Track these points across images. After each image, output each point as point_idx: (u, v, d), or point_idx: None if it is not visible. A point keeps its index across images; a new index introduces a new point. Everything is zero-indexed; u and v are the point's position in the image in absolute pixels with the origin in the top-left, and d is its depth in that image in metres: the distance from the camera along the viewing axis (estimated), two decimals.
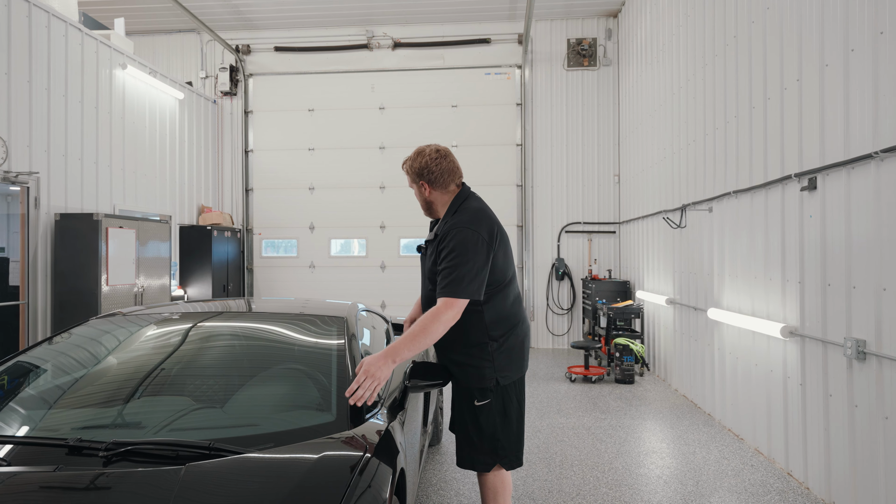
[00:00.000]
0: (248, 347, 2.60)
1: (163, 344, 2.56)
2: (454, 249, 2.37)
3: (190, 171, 9.01)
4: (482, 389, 2.54)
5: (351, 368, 2.37)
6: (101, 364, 2.41)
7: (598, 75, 9.37)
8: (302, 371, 2.42)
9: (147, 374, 2.31)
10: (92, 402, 2.17)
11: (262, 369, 2.44)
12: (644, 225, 7.76)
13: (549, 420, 5.30)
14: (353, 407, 2.15)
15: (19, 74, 5.71)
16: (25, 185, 5.79)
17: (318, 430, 2.00)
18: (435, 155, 2.59)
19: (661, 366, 7.05)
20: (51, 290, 6.08)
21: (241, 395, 2.25)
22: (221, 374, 2.37)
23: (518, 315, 2.63)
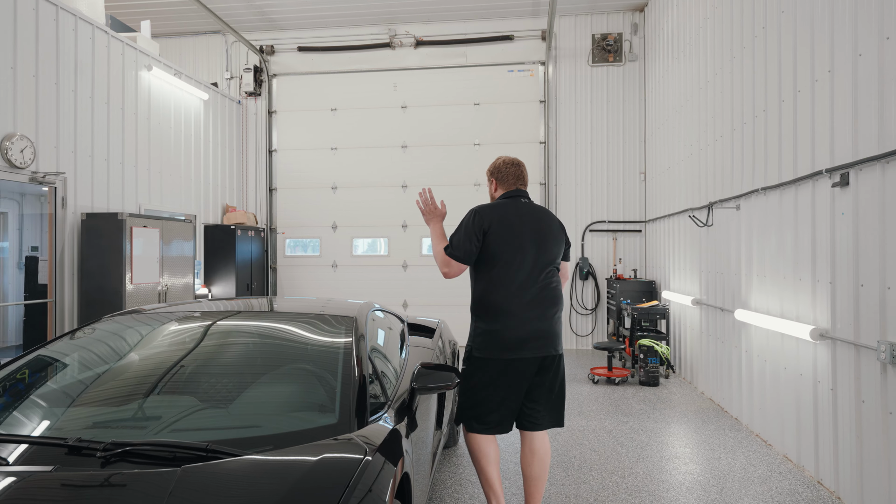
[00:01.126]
0: (256, 347, 2.58)
1: (170, 343, 2.56)
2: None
3: (215, 171, 9.13)
4: (465, 357, 3.09)
5: (357, 369, 2.33)
6: (107, 363, 2.42)
7: (624, 71, 9.18)
8: (307, 371, 2.39)
9: (153, 374, 2.31)
10: (97, 401, 2.17)
11: (268, 369, 2.42)
12: (670, 223, 7.57)
13: (569, 422, 5.19)
14: (358, 408, 2.11)
15: (47, 77, 5.84)
16: (52, 185, 5.92)
17: (320, 433, 1.95)
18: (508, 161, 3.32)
19: (686, 368, 6.86)
20: (77, 289, 6.21)
21: (245, 396, 2.22)
22: (227, 375, 2.35)
23: (505, 306, 2.95)
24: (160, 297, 6.71)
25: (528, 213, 3.07)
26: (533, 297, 2.96)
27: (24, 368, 2.40)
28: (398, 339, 3.55)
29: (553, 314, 3.02)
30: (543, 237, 3.03)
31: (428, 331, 4.26)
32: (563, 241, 3.17)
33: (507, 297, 2.95)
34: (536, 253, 2.99)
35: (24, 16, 5.58)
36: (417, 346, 3.72)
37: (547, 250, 3.03)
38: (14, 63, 5.47)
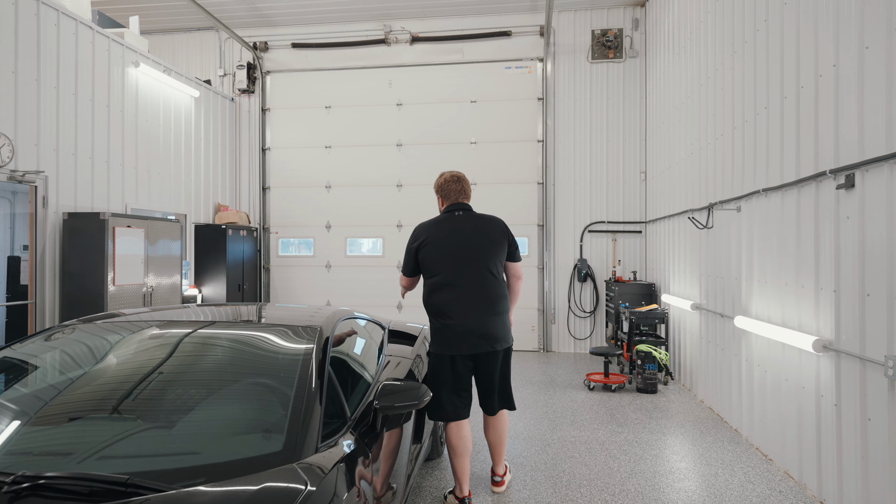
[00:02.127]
0: (207, 362, 2.40)
1: (114, 358, 2.38)
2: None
3: (206, 170, 8.96)
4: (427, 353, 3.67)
5: (313, 386, 2.14)
6: (41, 380, 2.24)
7: (624, 67, 8.95)
8: (259, 389, 2.21)
9: (90, 393, 2.12)
10: (22, 424, 1.99)
11: (218, 387, 2.23)
12: (670, 225, 7.35)
13: (560, 432, 4.99)
14: (309, 430, 1.92)
15: (27, 73, 5.68)
16: (32, 183, 5.76)
17: (262, 462, 1.77)
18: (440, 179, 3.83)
19: (686, 375, 6.65)
20: (59, 290, 6.05)
21: (189, 418, 2.04)
22: (173, 393, 2.17)
23: (441, 308, 3.47)
24: (145, 299, 6.55)
25: (461, 225, 3.54)
26: (468, 300, 3.41)
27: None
28: (375, 348, 3.37)
29: (488, 315, 3.43)
30: (476, 245, 3.48)
31: (411, 338, 4.07)
32: (505, 245, 3.59)
33: (444, 301, 3.46)
34: (468, 260, 3.45)
35: (3, 11, 5.42)
36: (397, 355, 3.53)
37: (479, 256, 3.46)
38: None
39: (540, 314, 9.08)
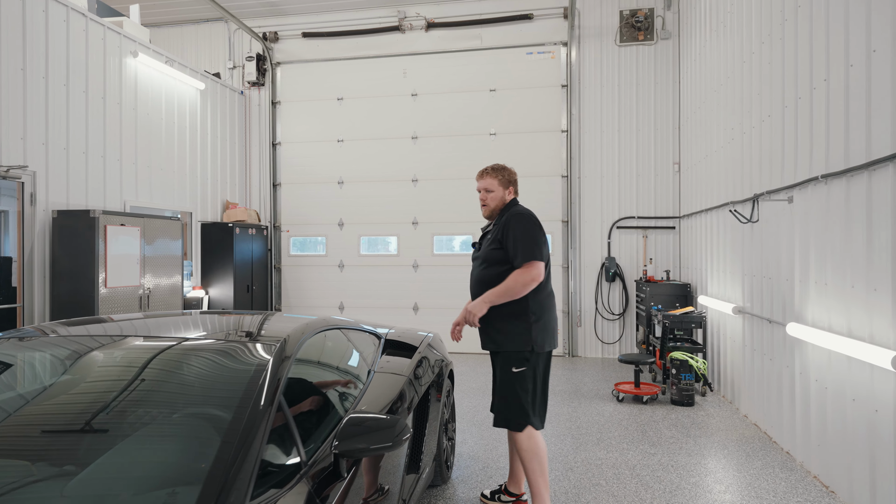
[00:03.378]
0: (130, 391, 1.92)
1: (16, 386, 1.92)
2: (516, 229, 3.15)
3: (214, 166, 8.61)
4: (518, 358, 3.15)
5: (262, 419, 1.64)
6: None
7: (656, 50, 8.27)
8: (184, 429, 1.72)
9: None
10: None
11: (135, 425, 1.75)
12: (708, 219, 6.68)
13: (585, 453, 4.42)
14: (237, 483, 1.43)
15: (11, 63, 5.35)
16: (17, 179, 5.43)
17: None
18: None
19: (727, 385, 5.99)
20: (49, 293, 5.73)
21: (88, 470, 1.56)
22: (81, 431, 1.70)
23: (552, 303, 3.29)
24: (141, 301, 6.19)
25: None
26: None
27: None
28: (360, 365, 2.87)
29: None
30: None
31: (412, 349, 3.56)
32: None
33: (552, 295, 3.32)
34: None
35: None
36: (389, 371, 3.02)
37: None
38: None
39: (565, 316, 8.48)
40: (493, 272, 3.17)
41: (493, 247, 3.20)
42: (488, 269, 3.19)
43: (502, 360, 3.18)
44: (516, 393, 3.12)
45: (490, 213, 3.36)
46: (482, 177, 3.37)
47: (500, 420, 3.21)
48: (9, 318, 5.67)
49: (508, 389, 3.15)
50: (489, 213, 3.37)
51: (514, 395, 3.12)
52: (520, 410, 3.12)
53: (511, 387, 3.13)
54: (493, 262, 3.18)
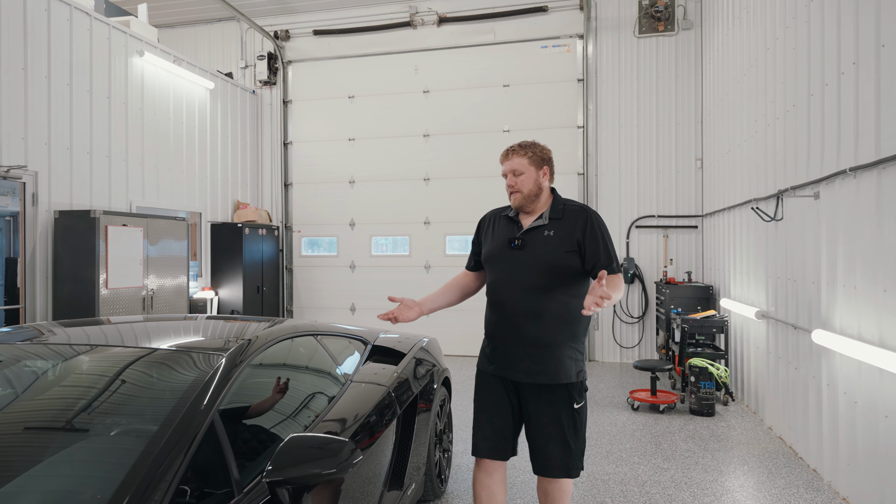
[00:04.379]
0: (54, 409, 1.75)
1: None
2: (602, 229, 2.51)
3: (224, 166, 8.54)
4: (580, 389, 2.52)
5: (185, 441, 1.45)
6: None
7: (677, 41, 7.91)
8: (101, 451, 1.54)
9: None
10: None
11: (52, 447, 1.58)
12: (731, 217, 6.31)
13: (591, 467, 4.15)
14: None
15: (12, 62, 5.32)
16: (19, 179, 5.40)
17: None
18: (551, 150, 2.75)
19: (750, 394, 5.63)
20: (51, 294, 5.69)
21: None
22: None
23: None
24: (144, 302, 6.12)
25: None
26: None
27: None
28: (334, 374, 2.67)
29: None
30: None
31: (400, 356, 3.35)
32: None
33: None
34: None
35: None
36: (368, 381, 2.82)
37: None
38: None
39: None
40: (564, 281, 2.45)
41: (567, 248, 2.45)
42: (557, 278, 2.44)
43: (556, 396, 2.46)
44: (581, 434, 2.50)
45: (522, 200, 2.55)
46: (508, 157, 2.61)
47: (563, 469, 2.49)
48: (14, 319, 5.65)
49: (571, 431, 2.46)
50: (521, 202, 2.56)
51: (578, 437, 2.49)
52: (582, 454, 2.53)
53: (574, 427, 2.47)
54: (567, 267, 2.44)
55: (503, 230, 2.62)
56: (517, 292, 2.48)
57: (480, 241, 2.74)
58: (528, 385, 2.49)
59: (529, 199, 2.56)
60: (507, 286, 2.51)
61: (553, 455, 2.46)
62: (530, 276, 2.46)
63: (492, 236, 2.65)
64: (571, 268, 2.45)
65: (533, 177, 2.56)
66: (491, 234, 2.67)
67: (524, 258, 2.50)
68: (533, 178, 2.56)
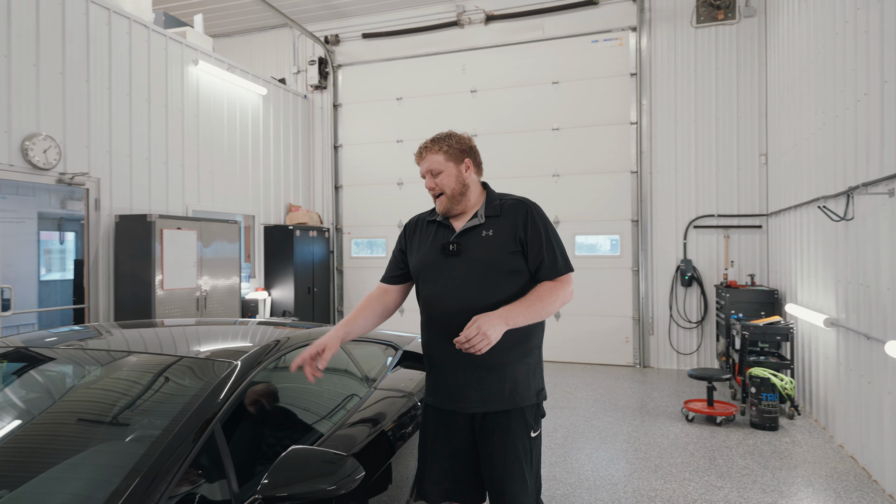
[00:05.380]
0: (58, 418, 1.78)
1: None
2: (545, 223, 2.16)
3: (276, 170, 8.75)
4: (536, 413, 2.14)
5: (179, 455, 1.43)
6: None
7: (738, 30, 7.45)
8: (98, 456, 1.54)
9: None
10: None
11: (57, 448, 1.59)
12: (797, 216, 5.87)
13: (637, 482, 3.93)
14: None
15: (75, 74, 5.61)
16: (82, 186, 5.69)
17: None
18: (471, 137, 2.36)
19: (819, 408, 5.21)
20: (113, 294, 5.97)
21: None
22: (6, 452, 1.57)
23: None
24: (198, 303, 6.33)
25: None
26: None
27: None
28: (355, 382, 2.62)
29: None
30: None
31: None
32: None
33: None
34: None
35: (49, 11, 5.37)
36: (393, 388, 2.75)
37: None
38: (37, 60, 5.26)
39: (635, 323, 7.84)
40: (510, 287, 2.07)
41: (510, 248, 2.09)
42: (495, 283, 2.07)
43: (511, 423, 2.07)
44: (536, 468, 2.12)
45: (447, 203, 2.20)
46: (421, 156, 2.26)
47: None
48: (80, 318, 5.97)
49: (525, 464, 2.07)
50: (446, 205, 2.19)
51: (533, 470, 2.10)
52: (538, 492, 2.15)
53: (529, 460, 2.08)
54: (511, 270, 2.09)
55: (432, 236, 2.23)
56: (457, 306, 2.07)
57: (403, 250, 2.35)
58: (480, 415, 2.10)
59: (455, 200, 2.20)
60: (444, 300, 2.11)
61: (512, 494, 2.04)
62: (471, 286, 2.08)
63: (419, 244, 2.27)
64: (517, 271, 2.09)
65: (453, 173, 2.20)
66: (418, 242, 2.28)
67: (461, 265, 2.12)
68: (453, 174, 2.20)
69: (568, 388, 6.59)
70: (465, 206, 2.22)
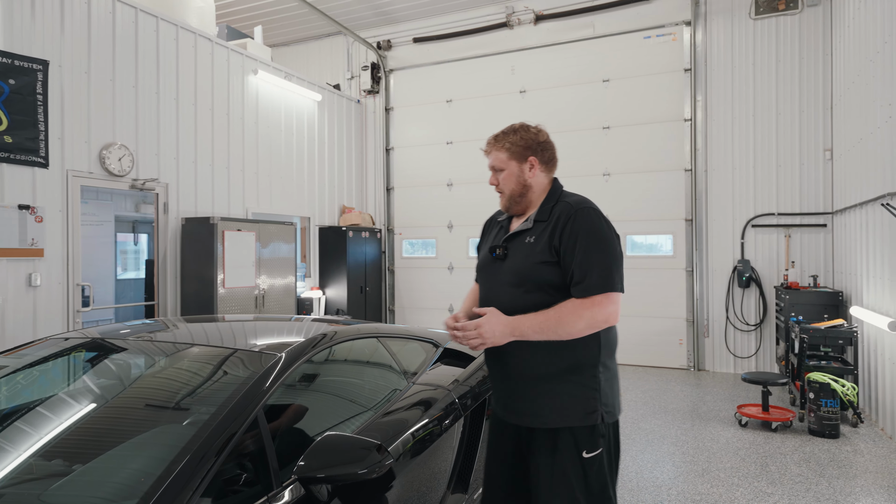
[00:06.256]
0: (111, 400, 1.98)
1: (29, 392, 2.07)
2: (586, 232, 1.92)
3: (331, 173, 9.06)
4: (592, 433, 1.93)
5: (231, 428, 1.59)
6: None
7: (801, 21, 7.14)
8: (150, 439, 1.71)
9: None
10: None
11: (110, 432, 1.79)
12: (862, 214, 5.59)
13: (683, 485, 3.88)
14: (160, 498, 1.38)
15: (147, 87, 6.03)
16: (153, 191, 6.11)
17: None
18: (544, 131, 2.16)
19: (885, 416, 4.94)
20: (180, 292, 6.37)
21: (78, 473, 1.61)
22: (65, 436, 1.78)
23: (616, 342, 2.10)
24: (257, 301, 6.67)
25: None
26: None
27: None
28: (396, 376, 2.73)
29: None
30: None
31: (471, 359, 3.36)
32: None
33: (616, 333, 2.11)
34: None
35: (124, 30, 5.80)
36: (432, 383, 2.85)
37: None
38: (113, 76, 5.70)
39: (689, 325, 7.65)
40: (546, 299, 1.93)
41: (541, 258, 1.95)
42: (529, 295, 1.95)
43: (558, 442, 1.94)
44: (597, 490, 1.92)
45: (507, 202, 2.12)
46: (488, 151, 2.14)
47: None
48: (151, 314, 6.41)
49: (581, 487, 1.91)
50: (506, 204, 2.13)
51: (592, 493, 1.92)
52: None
53: (585, 482, 1.91)
54: (542, 283, 1.94)
55: (493, 237, 2.19)
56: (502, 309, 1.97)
57: (478, 248, 2.32)
58: (525, 429, 2.00)
59: (514, 200, 2.10)
60: (488, 305, 2.01)
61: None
62: (507, 294, 1.99)
63: (483, 244, 2.24)
64: (551, 283, 1.93)
65: (514, 172, 2.07)
66: (484, 242, 2.25)
67: (504, 270, 2.03)
68: (514, 173, 2.07)
69: None
70: (525, 206, 2.10)
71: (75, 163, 5.33)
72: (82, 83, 5.42)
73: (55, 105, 5.18)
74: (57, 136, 5.19)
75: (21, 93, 4.90)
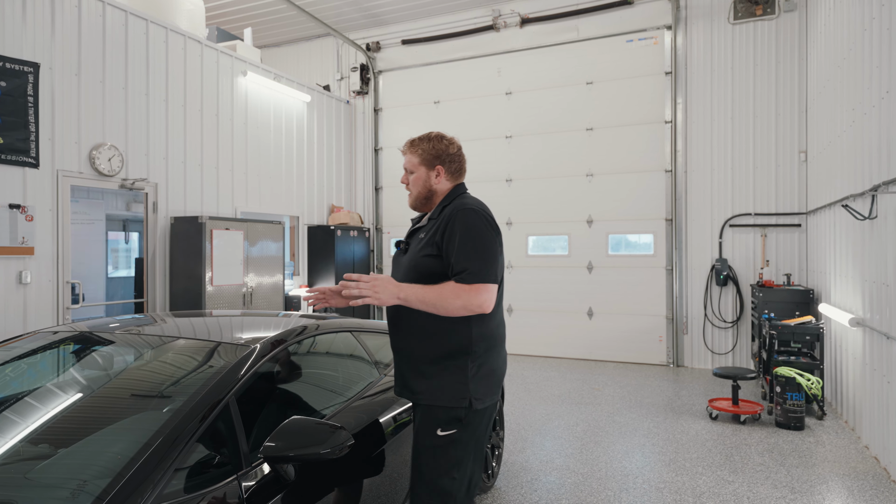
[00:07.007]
0: (94, 388, 2.13)
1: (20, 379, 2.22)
2: (465, 228, 2.08)
3: (320, 173, 9.20)
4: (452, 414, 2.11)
5: (204, 412, 1.74)
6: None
7: (777, 26, 7.33)
8: (128, 423, 1.87)
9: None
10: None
11: (94, 416, 1.94)
12: (830, 215, 5.79)
13: (648, 473, 4.05)
14: (133, 476, 1.54)
15: (136, 88, 6.16)
16: (142, 190, 6.24)
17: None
18: (456, 144, 2.37)
19: (847, 408, 5.14)
20: (168, 289, 6.51)
21: (60, 457, 1.76)
22: (46, 432, 1.92)
23: (502, 333, 2.29)
24: (244, 298, 6.81)
25: None
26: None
27: None
28: (366, 369, 2.89)
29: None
30: None
31: None
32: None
33: (503, 323, 2.32)
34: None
35: (114, 32, 5.93)
36: None
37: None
38: (103, 77, 5.82)
39: (669, 323, 7.84)
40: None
41: (426, 251, 2.15)
42: (418, 283, 2.12)
43: (423, 418, 2.15)
44: (440, 467, 2.09)
45: (412, 202, 2.34)
46: (404, 152, 2.37)
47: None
48: (140, 311, 6.54)
49: (429, 461, 2.10)
50: (411, 204, 2.36)
51: (435, 470, 2.09)
52: (442, 497, 2.09)
53: (432, 458, 2.09)
54: (426, 273, 2.13)
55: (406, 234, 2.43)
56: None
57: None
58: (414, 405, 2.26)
59: (420, 201, 2.31)
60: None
61: (412, 482, 2.15)
62: (404, 282, 2.14)
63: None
64: (434, 274, 2.11)
65: (422, 177, 2.27)
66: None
67: (403, 262, 2.27)
68: (422, 178, 2.27)
69: (596, 385, 6.70)
70: (430, 207, 2.31)
71: (65, 163, 5.46)
72: (72, 85, 5.54)
73: (46, 106, 5.31)
74: (47, 137, 5.32)
75: (12, 94, 5.02)
